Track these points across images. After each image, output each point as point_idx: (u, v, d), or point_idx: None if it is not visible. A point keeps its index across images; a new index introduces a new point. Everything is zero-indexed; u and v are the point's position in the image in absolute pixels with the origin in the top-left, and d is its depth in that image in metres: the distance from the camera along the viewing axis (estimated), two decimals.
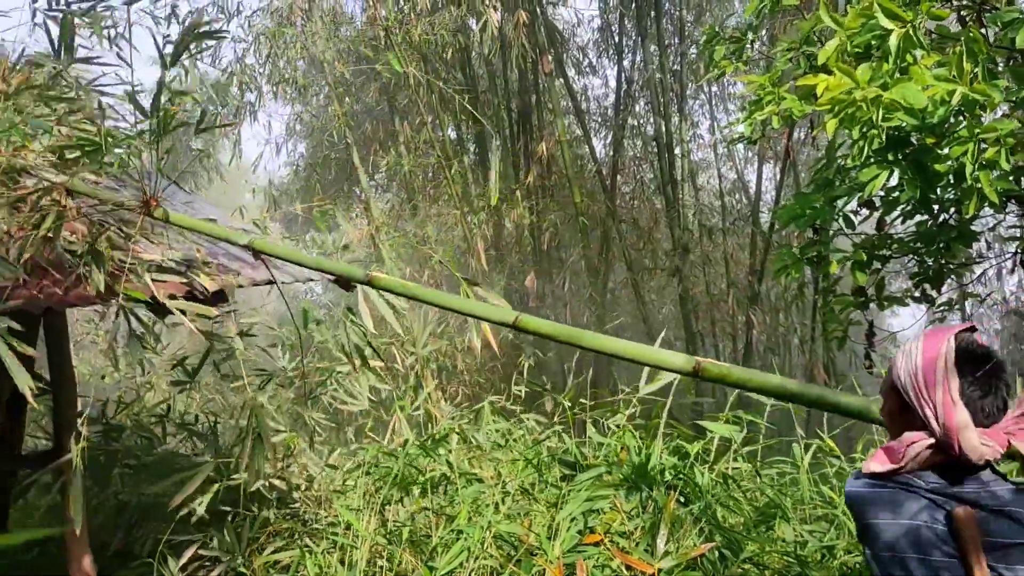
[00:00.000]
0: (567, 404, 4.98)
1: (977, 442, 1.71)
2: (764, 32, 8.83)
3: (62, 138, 3.86)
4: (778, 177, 11.55)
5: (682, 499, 3.93)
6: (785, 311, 11.81)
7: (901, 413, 1.85)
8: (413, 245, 11.15)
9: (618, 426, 4.64)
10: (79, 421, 4.53)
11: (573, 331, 2.89)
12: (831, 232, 4.36)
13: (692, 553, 3.45)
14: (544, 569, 3.40)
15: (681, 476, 3.99)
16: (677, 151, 11.21)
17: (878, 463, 1.80)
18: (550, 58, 10.15)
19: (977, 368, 1.76)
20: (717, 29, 4.80)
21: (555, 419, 5.34)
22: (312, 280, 4.76)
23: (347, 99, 12.07)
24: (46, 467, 4.73)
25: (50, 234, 3.46)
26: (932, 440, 1.76)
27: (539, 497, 3.93)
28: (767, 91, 3.86)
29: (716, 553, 3.51)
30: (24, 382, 3.05)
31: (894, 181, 3.30)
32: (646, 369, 4.73)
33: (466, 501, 3.95)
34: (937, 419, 1.75)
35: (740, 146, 13.66)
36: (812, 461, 4.10)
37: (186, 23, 3.53)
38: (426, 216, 11.08)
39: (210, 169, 17.81)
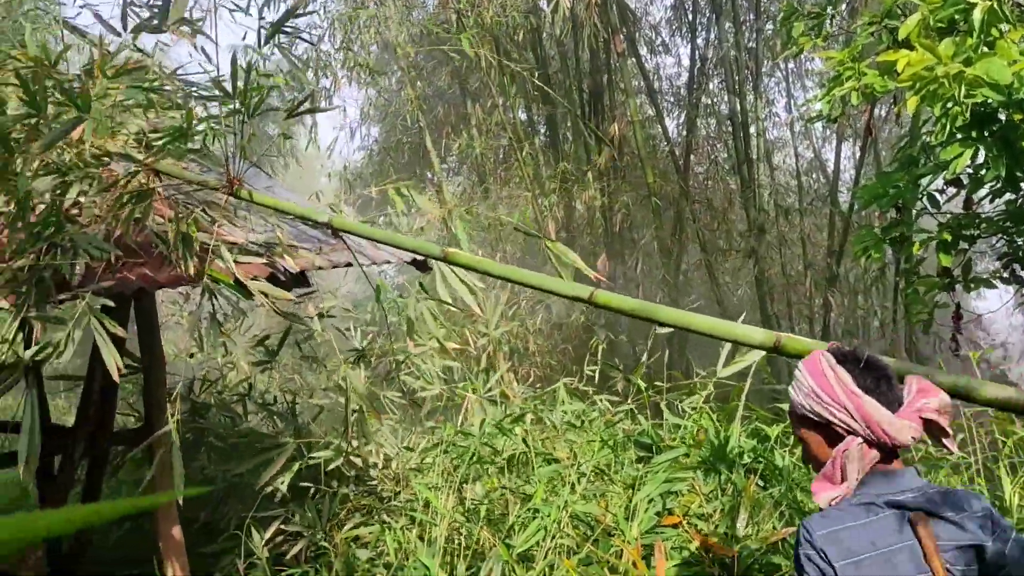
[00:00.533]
0: (642, 385, 4.95)
1: (899, 423, 1.75)
2: (844, 6, 8.56)
3: (148, 125, 3.99)
4: (858, 156, 11.22)
5: (761, 482, 3.87)
6: (865, 293, 11.50)
7: (820, 442, 1.86)
8: (485, 227, 11.20)
9: (694, 408, 4.59)
10: (168, 400, 4.70)
11: (649, 306, 2.86)
12: (914, 212, 4.22)
13: (773, 537, 3.40)
14: (621, 550, 3.39)
15: (761, 459, 3.94)
16: (752, 130, 10.97)
17: (828, 493, 1.81)
18: (622, 37, 10.03)
19: (857, 364, 1.82)
20: (796, 5, 4.67)
21: (629, 401, 5.32)
22: (389, 262, 4.82)
23: (419, 83, 12.14)
24: (138, 444, 4.92)
25: (139, 215, 3.57)
26: (860, 438, 1.78)
27: (615, 478, 3.92)
28: (847, 67, 3.76)
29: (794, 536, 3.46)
30: (112, 361, 3.17)
31: (981, 159, 3.18)
32: (723, 352, 4.67)
33: (542, 481, 3.97)
34: (854, 417, 1.77)
35: (818, 125, 13.30)
36: None
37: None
38: (497, 199, 11.11)
39: (286, 155, 18.16)
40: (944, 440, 1.82)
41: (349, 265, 4.47)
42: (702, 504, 3.82)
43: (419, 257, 4.74)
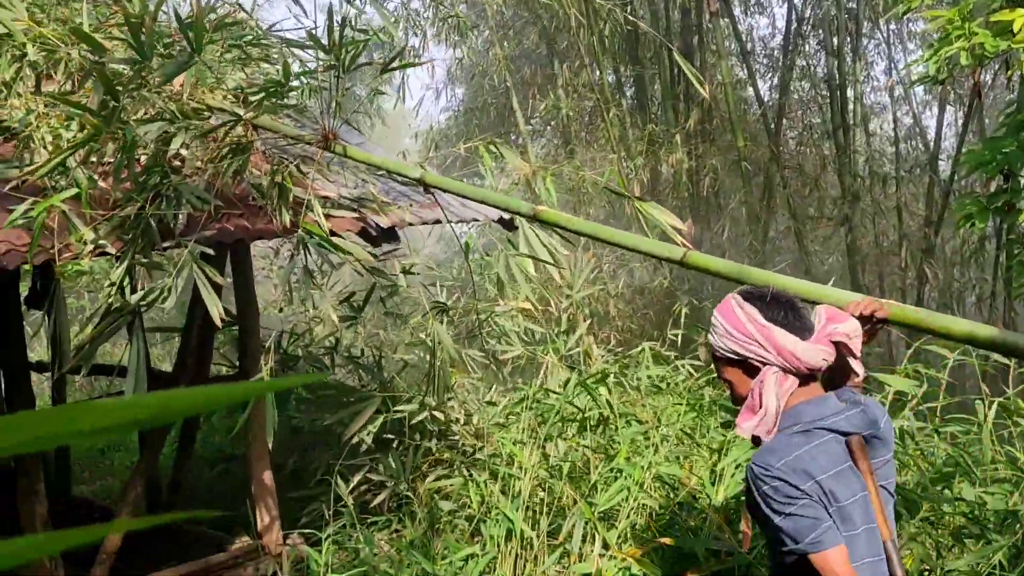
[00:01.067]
0: None
1: (809, 348, 1.85)
2: None
3: (245, 80, 4.07)
4: (960, 122, 10.71)
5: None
6: (962, 266, 11.03)
7: (741, 378, 1.95)
8: (568, 189, 11.13)
9: None
10: (261, 350, 4.85)
11: (742, 268, 2.80)
12: (1022, 180, 4.02)
13: None
14: (706, 513, 3.38)
15: None
16: (850, 93, 10.57)
17: (749, 422, 1.91)
18: None
19: (763, 299, 1.92)
20: None
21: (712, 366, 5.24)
22: (476, 220, 4.84)
23: (507, 43, 12.07)
24: None
25: (238, 168, 3.67)
26: (775, 367, 1.87)
27: (700, 442, 3.89)
28: (956, 26, 3.58)
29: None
30: (215, 307, 3.28)
31: None
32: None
33: (625, 441, 3.96)
34: (766, 348, 1.87)
35: (919, 90, 12.73)
36: (996, 420, 3.84)
37: None
38: (582, 160, 11.01)
39: (372, 115, 18.35)
40: (852, 361, 1.92)
41: (438, 222, 4.51)
42: None
43: (506, 216, 4.75)
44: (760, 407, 1.88)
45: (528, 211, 3.22)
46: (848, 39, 10.82)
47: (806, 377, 1.89)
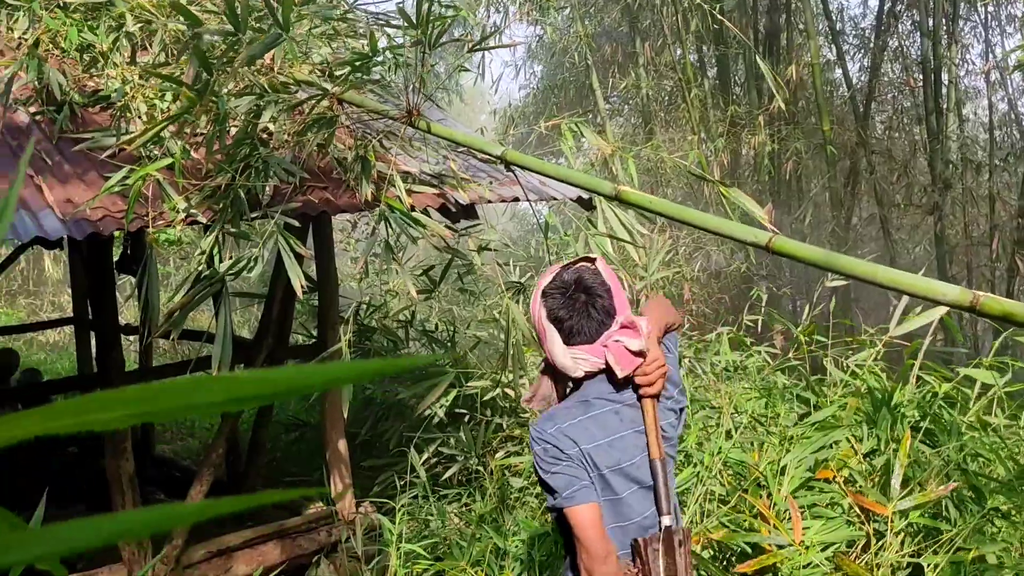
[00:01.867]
0: (803, 339, 4.77)
1: (566, 359, 1.98)
2: None
3: (331, 55, 4.13)
4: None
5: (928, 441, 3.68)
6: None
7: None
8: (646, 169, 11.00)
9: (860, 366, 4.38)
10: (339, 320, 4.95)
11: (829, 255, 2.72)
12: None
13: (930, 496, 3.23)
14: (772, 501, 3.33)
15: (929, 416, 3.71)
16: (945, 77, 10.16)
17: (526, 395, 2.17)
18: None
19: (560, 295, 1.99)
20: None
21: (790, 355, 5.14)
22: (555, 199, 4.83)
23: (588, 20, 11.95)
24: (310, 359, 5.22)
25: (323, 141, 3.73)
26: (542, 367, 2.10)
27: (772, 430, 3.83)
28: None
29: (958, 498, 3.27)
30: (297, 277, 3.35)
31: None
32: (897, 309, 4.41)
33: (696, 425, 3.93)
34: (543, 344, 2.04)
35: (1016, 76, 12.18)
36: None
37: None
38: (661, 141, 10.87)
39: (451, 91, 18.44)
40: (615, 367, 1.97)
41: (516, 200, 4.52)
42: (860, 460, 3.68)
43: (585, 195, 4.73)
44: (539, 390, 2.13)
45: (610, 191, 3.18)
46: (944, 21, 10.39)
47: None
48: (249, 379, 0.38)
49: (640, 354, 1.96)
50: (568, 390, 2.12)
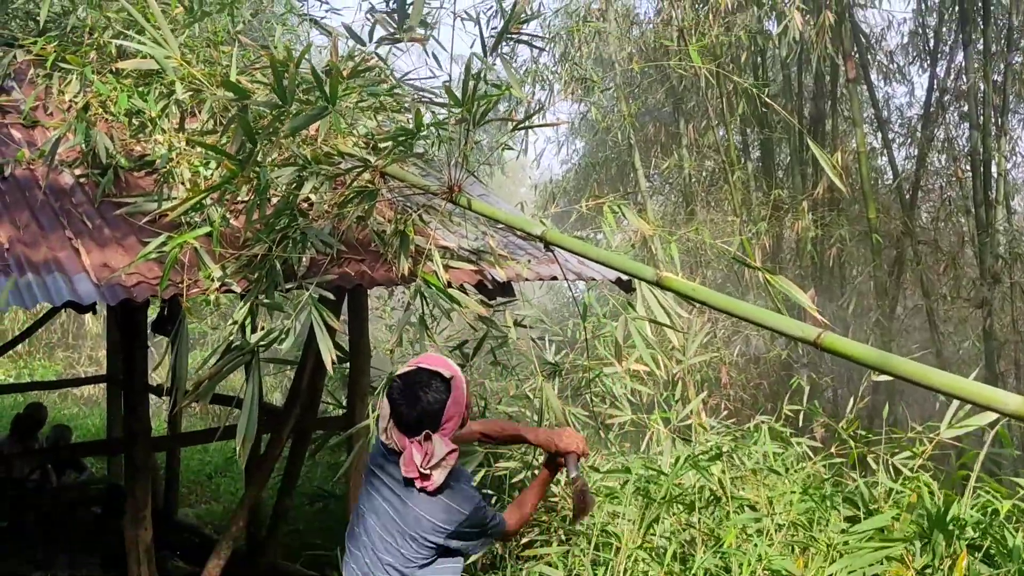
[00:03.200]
0: (845, 434, 4.55)
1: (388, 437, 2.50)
2: None
3: (376, 128, 4.14)
4: None
5: (986, 561, 3.45)
6: None
7: None
8: (686, 250, 10.90)
9: (912, 470, 4.17)
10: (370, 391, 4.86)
11: (884, 356, 2.58)
12: None
13: None
14: None
15: (988, 534, 3.50)
16: (994, 169, 10.01)
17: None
18: (855, 63, 9.45)
19: (391, 393, 2.48)
20: None
21: (832, 450, 4.92)
22: (594, 279, 4.74)
23: (632, 99, 12.05)
24: (339, 430, 5.12)
25: (363, 214, 3.70)
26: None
27: (818, 536, 3.62)
28: None
29: None
30: (327, 350, 3.27)
31: None
32: (943, 406, 4.20)
33: (735, 526, 3.74)
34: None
35: None
36: None
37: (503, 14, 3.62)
38: (702, 222, 10.80)
39: (493, 164, 18.64)
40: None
41: (554, 279, 4.44)
42: None
43: (624, 277, 4.64)
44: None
45: (652, 276, 3.10)
46: (992, 113, 10.30)
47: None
48: None
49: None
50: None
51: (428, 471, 2.42)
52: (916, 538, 3.53)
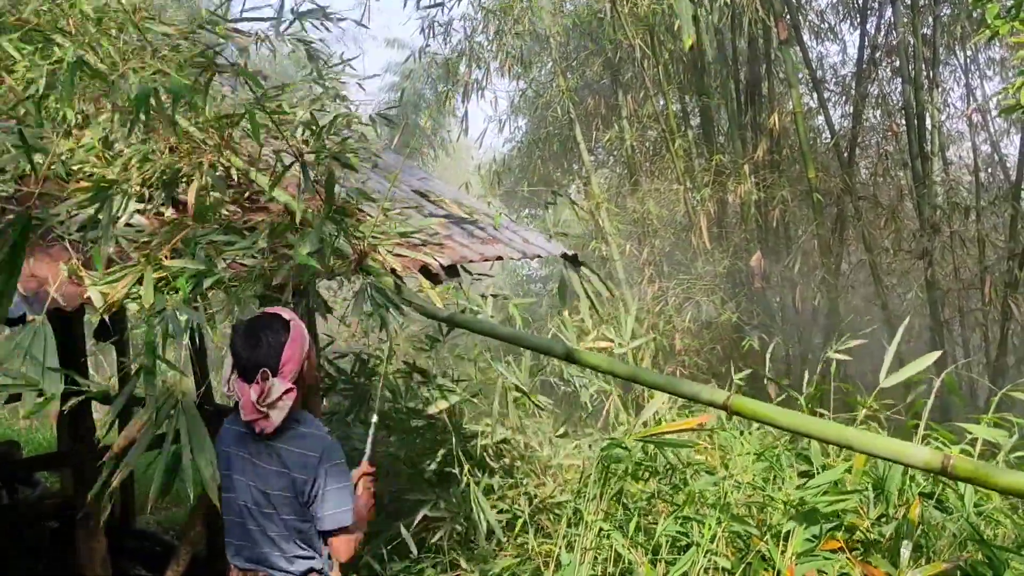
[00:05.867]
0: (799, 397, 4.61)
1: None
2: None
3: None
4: None
5: (939, 508, 3.53)
6: None
7: None
8: (633, 220, 10.95)
9: (861, 423, 4.24)
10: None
11: (797, 417, 2.42)
12: None
13: (941, 567, 3.08)
14: (780, 571, 3.17)
15: (940, 481, 3.57)
16: (928, 122, 10.20)
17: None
18: (786, 24, 9.52)
19: (233, 340, 2.47)
20: None
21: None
22: (539, 256, 4.73)
23: (570, 74, 12.01)
24: None
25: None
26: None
27: (775, 495, 3.68)
28: None
29: (971, 567, 3.12)
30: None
31: None
32: (886, 361, 4.25)
33: (694, 493, 3.78)
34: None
35: (996, 118, 12.28)
36: None
37: None
38: (647, 191, 10.84)
39: (436, 146, 18.48)
40: None
41: (500, 259, 4.42)
42: (868, 529, 3.53)
43: (570, 252, 4.65)
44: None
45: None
46: (924, 67, 10.48)
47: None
48: None
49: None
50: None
51: (265, 409, 2.36)
52: (869, 489, 3.61)
